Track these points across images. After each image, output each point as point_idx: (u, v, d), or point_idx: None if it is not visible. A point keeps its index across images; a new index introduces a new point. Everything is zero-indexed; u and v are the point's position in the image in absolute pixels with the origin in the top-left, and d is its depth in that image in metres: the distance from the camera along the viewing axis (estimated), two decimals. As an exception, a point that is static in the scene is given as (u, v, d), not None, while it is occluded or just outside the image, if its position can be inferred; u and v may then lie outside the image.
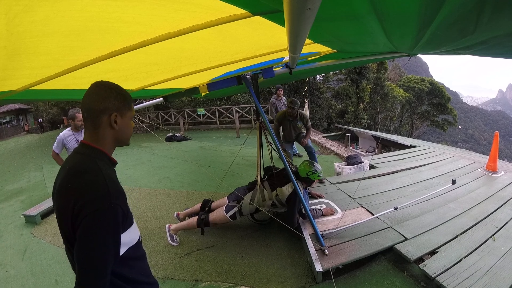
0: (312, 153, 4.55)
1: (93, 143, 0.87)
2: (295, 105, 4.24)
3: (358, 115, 16.80)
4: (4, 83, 1.18)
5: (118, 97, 0.87)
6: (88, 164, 0.83)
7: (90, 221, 0.74)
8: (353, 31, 1.30)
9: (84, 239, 0.75)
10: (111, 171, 0.87)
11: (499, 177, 4.05)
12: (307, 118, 4.47)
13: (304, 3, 0.52)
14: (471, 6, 0.74)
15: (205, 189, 4.61)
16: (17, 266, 2.85)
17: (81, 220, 0.74)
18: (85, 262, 0.75)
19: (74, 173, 0.81)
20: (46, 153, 10.17)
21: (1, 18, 0.62)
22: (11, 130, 24.51)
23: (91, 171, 0.81)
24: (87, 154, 0.85)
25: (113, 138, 0.90)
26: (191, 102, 14.54)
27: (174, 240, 2.93)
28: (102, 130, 0.87)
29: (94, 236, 0.75)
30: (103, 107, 0.84)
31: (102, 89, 0.86)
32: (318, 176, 2.69)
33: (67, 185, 0.80)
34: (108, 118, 0.86)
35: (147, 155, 8.04)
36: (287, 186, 2.66)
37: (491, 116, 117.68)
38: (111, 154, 0.92)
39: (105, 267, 0.77)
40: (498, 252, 2.26)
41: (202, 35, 1.06)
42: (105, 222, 0.75)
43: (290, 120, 4.40)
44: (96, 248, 0.75)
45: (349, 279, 2.26)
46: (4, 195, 5.53)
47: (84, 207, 0.74)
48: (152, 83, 2.14)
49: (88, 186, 0.77)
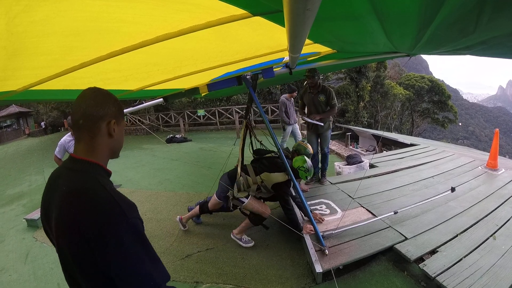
0: (326, 156, 3.98)
1: (88, 156, 0.78)
2: (316, 73, 3.50)
3: (358, 113, 16.78)
4: (5, 83, 1.18)
5: (115, 103, 0.81)
6: (89, 183, 0.74)
7: (117, 248, 0.67)
8: (353, 31, 1.31)
9: (117, 265, 0.67)
10: (112, 186, 0.79)
11: (500, 175, 4.05)
12: (331, 92, 3.67)
13: (304, 4, 0.52)
14: (471, 6, 0.74)
15: (205, 191, 4.60)
16: (19, 270, 2.85)
17: (103, 248, 0.66)
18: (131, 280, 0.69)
19: (75, 196, 0.72)
20: (47, 156, 10.18)
21: (1, 18, 0.62)
22: (12, 133, 24.46)
23: (94, 192, 0.72)
24: (84, 171, 0.76)
25: (109, 149, 0.82)
26: (191, 103, 14.54)
27: (246, 242, 2.92)
28: (100, 139, 0.79)
29: (126, 258, 0.68)
30: (102, 113, 0.77)
31: (99, 94, 0.80)
32: (305, 177, 2.66)
33: (70, 210, 0.70)
34: (107, 125, 0.78)
35: (148, 157, 8.04)
36: (277, 174, 2.59)
37: (492, 113, 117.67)
38: (106, 166, 0.84)
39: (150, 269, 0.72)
40: (498, 251, 2.25)
41: (202, 35, 1.06)
42: (131, 241, 0.70)
43: (311, 93, 3.73)
44: (134, 266, 0.69)
45: (349, 280, 2.25)
46: (5, 199, 5.53)
47: (100, 233, 0.66)
48: (152, 83, 2.14)
49: (98, 209, 0.69)
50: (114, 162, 4.78)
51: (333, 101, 3.65)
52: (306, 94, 3.81)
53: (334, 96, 3.68)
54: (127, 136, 14.12)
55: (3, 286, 2.61)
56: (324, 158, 4.00)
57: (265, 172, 2.62)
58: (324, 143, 3.90)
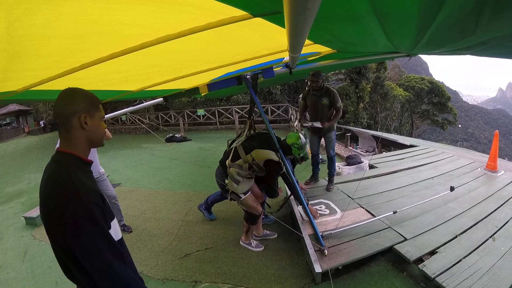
0: (332, 160, 3.72)
1: (66, 148, 0.91)
2: (319, 77, 3.33)
3: (358, 114, 16.80)
4: (5, 84, 1.19)
5: (85, 99, 0.90)
6: (59, 171, 0.87)
7: (72, 227, 0.78)
8: (353, 31, 1.30)
9: (77, 246, 0.79)
10: (82, 173, 0.90)
11: (499, 176, 4.05)
12: (335, 95, 3.44)
13: (304, 4, 0.53)
14: (471, 7, 0.74)
15: (205, 190, 4.60)
16: (17, 268, 2.85)
17: (64, 227, 0.78)
18: (92, 265, 0.81)
19: (48, 182, 0.87)
20: (46, 154, 10.16)
21: (1, 22, 0.62)
22: (11, 131, 24.41)
23: (61, 178, 0.85)
24: (60, 161, 0.89)
25: (86, 139, 0.93)
26: (191, 102, 14.54)
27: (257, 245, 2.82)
28: (74, 132, 0.90)
29: (82, 239, 0.79)
30: (72, 110, 0.88)
31: (69, 94, 0.89)
32: (298, 154, 2.55)
33: (44, 194, 0.85)
34: (78, 120, 0.89)
35: (147, 156, 8.04)
36: (269, 151, 2.44)
37: (491, 115, 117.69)
38: (87, 155, 0.95)
39: (109, 259, 0.81)
40: (498, 252, 2.25)
41: (202, 37, 1.06)
42: (84, 221, 0.79)
43: (314, 95, 3.52)
44: (90, 248, 0.80)
45: (348, 280, 2.26)
46: (4, 197, 5.53)
47: (61, 214, 0.79)
48: (152, 84, 2.14)
49: (59, 193, 0.82)
50: (114, 161, 4.85)
51: (338, 103, 3.45)
52: (309, 96, 3.61)
53: (339, 98, 3.49)
54: (127, 135, 14.13)
55: (1, 284, 2.61)
56: (330, 162, 3.72)
57: (256, 149, 2.45)
58: (328, 145, 3.68)
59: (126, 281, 0.84)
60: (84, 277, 0.86)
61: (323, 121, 3.51)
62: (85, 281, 0.87)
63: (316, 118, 3.57)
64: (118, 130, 15.14)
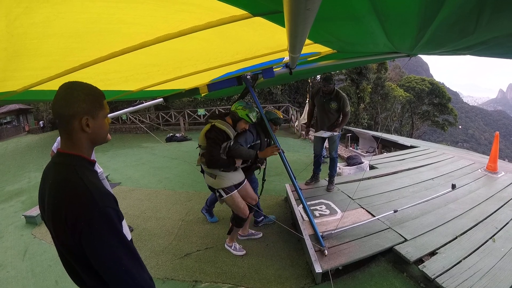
0: (334, 161, 3.75)
1: (71, 149, 0.85)
2: (330, 82, 3.37)
3: (359, 115, 16.82)
4: (5, 84, 1.18)
5: (86, 99, 0.82)
6: (68, 175, 0.81)
7: (89, 235, 0.74)
8: (353, 31, 1.30)
9: (93, 254, 0.75)
10: (92, 175, 0.85)
11: (499, 178, 4.05)
12: (345, 100, 3.44)
13: (304, 4, 0.52)
14: (471, 7, 0.74)
15: (205, 190, 4.59)
16: (17, 267, 2.85)
17: (79, 235, 0.73)
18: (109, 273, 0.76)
19: (58, 188, 0.80)
20: (46, 153, 10.15)
21: (1, 20, 0.62)
22: (12, 130, 24.48)
23: (71, 183, 0.79)
24: (65, 164, 0.83)
25: (88, 141, 0.87)
26: (191, 102, 14.56)
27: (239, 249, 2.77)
28: (76, 135, 0.84)
29: (100, 247, 0.75)
30: (72, 112, 0.81)
31: (69, 92, 0.81)
32: (246, 114, 2.35)
33: (53, 202, 0.79)
34: (79, 122, 0.82)
35: (148, 155, 8.04)
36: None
37: (492, 116, 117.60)
38: (90, 155, 0.90)
39: (127, 266, 0.78)
40: (498, 253, 2.25)
41: (203, 36, 1.06)
42: (103, 228, 0.75)
43: (323, 97, 3.50)
44: (108, 256, 0.76)
45: (348, 280, 2.25)
46: (4, 196, 5.54)
47: (77, 221, 0.74)
48: (152, 84, 2.14)
49: (73, 200, 0.76)
50: (114, 160, 4.86)
51: (346, 108, 3.46)
52: (318, 96, 3.57)
53: (348, 103, 3.49)
54: (127, 134, 14.13)
55: (1, 283, 2.62)
56: (332, 163, 3.75)
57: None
58: (332, 146, 3.67)
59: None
60: (94, 281, 0.82)
61: (329, 123, 3.55)
62: (96, 286, 0.83)
63: (323, 120, 3.60)
64: (119, 129, 15.15)
